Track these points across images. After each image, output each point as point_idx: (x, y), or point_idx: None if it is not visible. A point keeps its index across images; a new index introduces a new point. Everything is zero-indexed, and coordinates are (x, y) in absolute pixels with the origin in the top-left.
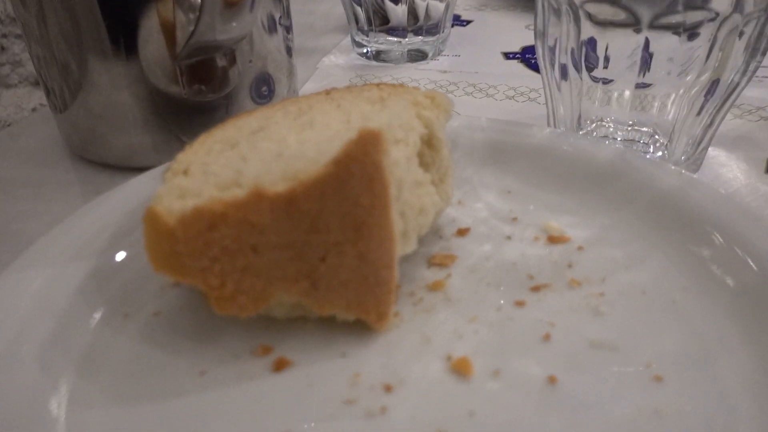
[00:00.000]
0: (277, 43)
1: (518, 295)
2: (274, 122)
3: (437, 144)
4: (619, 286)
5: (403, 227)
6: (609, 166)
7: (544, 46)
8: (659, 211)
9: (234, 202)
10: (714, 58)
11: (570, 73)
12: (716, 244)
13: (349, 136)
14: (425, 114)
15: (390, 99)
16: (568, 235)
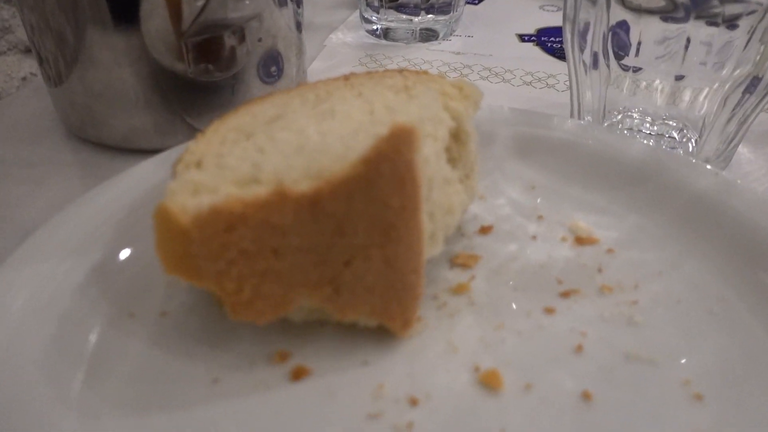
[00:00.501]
0: (287, 18)
1: (547, 300)
2: (291, 110)
3: (465, 138)
4: (653, 294)
5: (432, 228)
6: (640, 164)
7: (574, 30)
8: (694, 214)
9: (254, 201)
10: (753, 52)
11: (599, 62)
12: (754, 250)
13: (374, 130)
14: (453, 106)
15: (415, 88)
16: (596, 236)
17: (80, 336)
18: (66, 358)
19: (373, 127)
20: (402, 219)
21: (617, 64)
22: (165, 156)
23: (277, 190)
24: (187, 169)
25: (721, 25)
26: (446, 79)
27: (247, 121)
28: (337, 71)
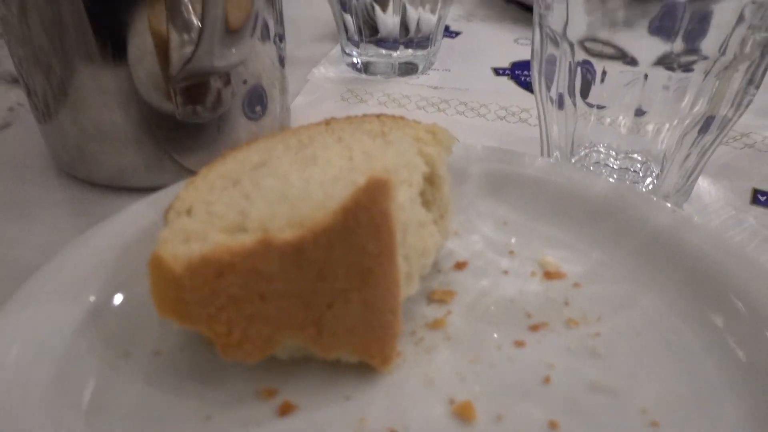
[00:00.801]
0: (270, 54)
1: (517, 334)
2: (275, 156)
3: (438, 181)
4: (615, 326)
5: (407, 270)
6: (604, 201)
7: (541, 69)
8: (653, 250)
9: (242, 250)
10: (707, 95)
11: (565, 99)
12: (708, 285)
13: (353, 177)
14: (427, 151)
15: (391, 134)
16: (564, 271)
17: (78, 378)
18: (64, 400)
19: (352, 174)
20: (379, 264)
21: (582, 102)
22: (154, 198)
23: (262, 239)
24: (178, 217)
25: (677, 69)
26: (421, 125)
27: (234, 167)
28: (319, 107)
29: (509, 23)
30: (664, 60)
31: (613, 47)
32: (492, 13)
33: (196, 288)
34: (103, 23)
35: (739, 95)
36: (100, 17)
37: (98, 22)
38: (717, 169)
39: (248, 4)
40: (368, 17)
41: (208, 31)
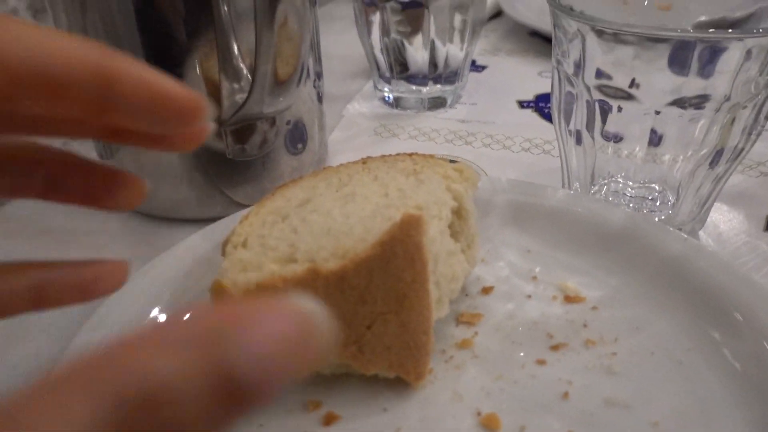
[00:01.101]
0: (311, 93)
1: (539, 353)
2: (318, 194)
3: (465, 214)
4: (630, 347)
5: (438, 295)
6: (621, 230)
7: (560, 106)
8: (666, 275)
9: (292, 278)
10: (716, 131)
11: (583, 135)
12: (716, 309)
13: (389, 213)
14: (455, 187)
15: (423, 172)
16: (583, 295)
17: None
18: None
19: (388, 210)
20: (413, 290)
21: (600, 136)
22: (208, 230)
23: (310, 269)
24: (234, 249)
25: (688, 108)
26: (448, 164)
27: (282, 204)
28: (354, 141)
29: (533, 56)
30: (676, 102)
31: (626, 92)
32: (517, 47)
33: None
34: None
35: (747, 130)
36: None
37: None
38: (732, 197)
39: (295, 57)
40: (399, 55)
41: (258, 84)
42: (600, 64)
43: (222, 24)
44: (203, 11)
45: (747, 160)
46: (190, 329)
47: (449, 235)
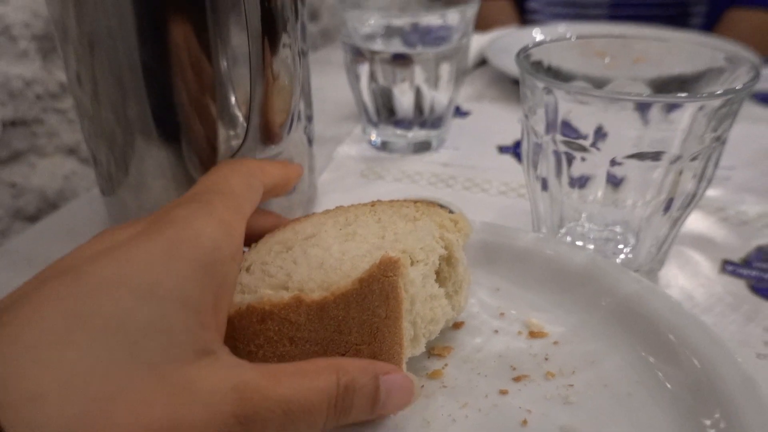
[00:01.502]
0: (301, 137)
1: (503, 384)
2: (324, 230)
3: (454, 262)
4: (586, 379)
5: (414, 333)
6: (582, 270)
7: (528, 157)
8: (621, 313)
9: (279, 303)
10: (669, 181)
11: (550, 182)
12: (663, 346)
13: (378, 254)
14: (447, 236)
15: (421, 219)
16: (546, 331)
17: None
18: None
19: (378, 252)
20: (386, 325)
21: (566, 182)
22: None
23: (295, 297)
24: (238, 273)
25: (646, 159)
26: (446, 214)
27: (290, 236)
28: (342, 183)
29: (515, 103)
30: (636, 155)
31: (589, 147)
32: (500, 94)
33: (243, 329)
34: (162, 119)
35: (697, 179)
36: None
37: (159, 118)
38: (691, 240)
39: (287, 107)
40: (386, 100)
41: (252, 134)
42: (566, 115)
43: (220, 77)
44: (204, 65)
45: (707, 206)
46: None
47: (435, 280)
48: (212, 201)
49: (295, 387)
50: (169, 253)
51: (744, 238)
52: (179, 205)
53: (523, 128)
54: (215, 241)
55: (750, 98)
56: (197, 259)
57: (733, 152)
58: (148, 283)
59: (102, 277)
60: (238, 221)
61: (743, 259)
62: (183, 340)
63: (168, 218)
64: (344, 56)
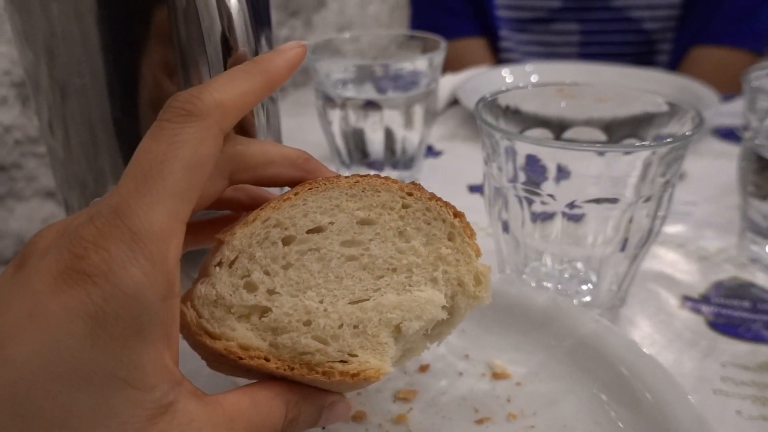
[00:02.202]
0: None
1: (466, 427)
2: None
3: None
4: (547, 420)
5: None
6: (544, 311)
7: (489, 201)
8: (581, 353)
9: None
10: (625, 221)
11: (511, 224)
12: (621, 384)
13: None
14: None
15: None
16: (509, 372)
17: None
18: None
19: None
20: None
21: (529, 222)
22: None
23: (265, 357)
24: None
25: (603, 203)
26: (474, 256)
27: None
28: None
29: None
30: (593, 201)
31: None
32: (472, 133)
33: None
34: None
35: (650, 219)
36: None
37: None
38: (654, 276)
39: None
40: (358, 142)
41: None
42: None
43: None
44: None
45: (669, 242)
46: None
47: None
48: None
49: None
50: (93, 325)
51: (703, 274)
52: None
53: (484, 173)
54: (137, 291)
55: (712, 134)
56: (122, 321)
57: (696, 188)
58: (82, 372)
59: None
60: (172, 240)
61: (702, 294)
62: (130, 414)
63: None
64: (316, 102)
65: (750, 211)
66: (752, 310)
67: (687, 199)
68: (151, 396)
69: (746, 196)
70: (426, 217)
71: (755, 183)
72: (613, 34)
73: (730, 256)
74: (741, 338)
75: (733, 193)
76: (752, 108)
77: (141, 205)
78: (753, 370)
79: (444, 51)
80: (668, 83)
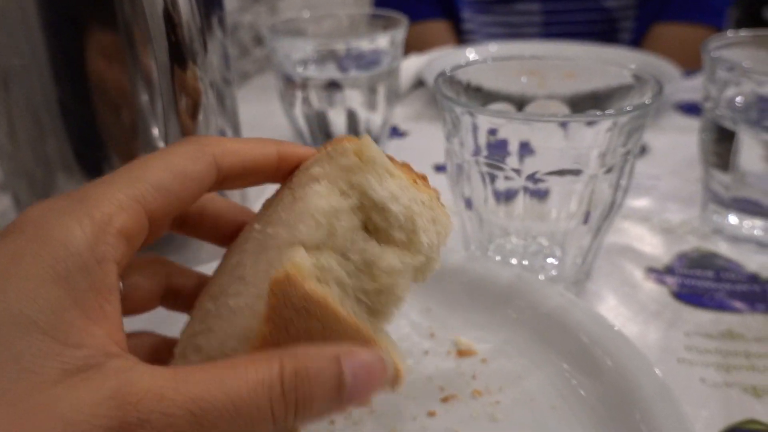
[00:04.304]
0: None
1: (431, 406)
2: (245, 245)
3: (381, 203)
4: (513, 395)
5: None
6: (509, 287)
7: (453, 179)
8: (546, 327)
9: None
10: (587, 194)
11: (474, 201)
12: (584, 358)
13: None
14: (355, 179)
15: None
16: (475, 349)
17: None
18: None
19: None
20: (328, 332)
21: (490, 200)
22: None
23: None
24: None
25: (567, 175)
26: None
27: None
28: None
29: None
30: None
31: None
32: (438, 114)
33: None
34: (83, 155)
35: (611, 191)
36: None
37: (80, 154)
38: (618, 250)
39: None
40: (322, 124)
41: None
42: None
43: (140, 111)
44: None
45: (633, 215)
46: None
47: (364, 241)
48: (89, 194)
49: (212, 383)
50: (12, 266)
51: (667, 246)
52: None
53: (446, 150)
54: (67, 238)
55: (675, 109)
56: (41, 262)
57: (659, 162)
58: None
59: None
60: (120, 212)
61: (666, 266)
62: (39, 364)
63: (23, 222)
64: (277, 84)
65: (712, 182)
66: (715, 280)
67: (651, 173)
68: (73, 352)
69: (708, 168)
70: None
71: (716, 153)
72: (575, 13)
73: (694, 227)
74: (705, 307)
75: (697, 167)
76: (712, 78)
77: (104, 183)
78: (716, 338)
79: (405, 28)
80: (631, 60)
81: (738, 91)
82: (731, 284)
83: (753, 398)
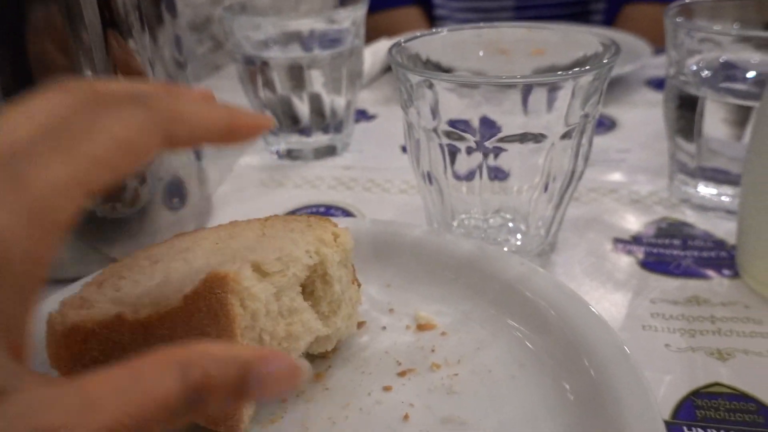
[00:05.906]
0: (186, 150)
1: (387, 380)
2: (200, 245)
3: (329, 279)
4: (472, 367)
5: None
6: (469, 258)
7: (412, 154)
8: (507, 297)
9: (101, 321)
10: (548, 163)
11: (434, 176)
12: (544, 325)
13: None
14: (323, 250)
15: (305, 232)
16: (435, 323)
17: None
18: None
19: (224, 265)
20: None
21: (451, 175)
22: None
23: (117, 315)
24: (88, 287)
25: (528, 142)
26: (332, 227)
27: (164, 251)
28: (242, 194)
29: None
30: (520, 138)
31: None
32: None
33: (69, 347)
34: None
35: (572, 158)
36: None
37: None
38: (585, 222)
39: None
40: (286, 108)
41: None
42: (447, 108)
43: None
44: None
45: (600, 188)
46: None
47: (300, 294)
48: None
49: (119, 407)
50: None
51: (635, 216)
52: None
53: (404, 124)
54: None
55: (645, 85)
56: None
57: (628, 136)
58: None
59: None
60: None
61: (634, 236)
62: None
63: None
64: (237, 68)
65: (678, 153)
66: (682, 248)
67: (620, 147)
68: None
69: (674, 137)
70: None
71: (681, 120)
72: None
73: (662, 198)
74: (671, 275)
75: (665, 140)
76: (674, 44)
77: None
78: (682, 304)
79: (366, 4)
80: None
81: (701, 58)
82: (698, 251)
83: (718, 361)
